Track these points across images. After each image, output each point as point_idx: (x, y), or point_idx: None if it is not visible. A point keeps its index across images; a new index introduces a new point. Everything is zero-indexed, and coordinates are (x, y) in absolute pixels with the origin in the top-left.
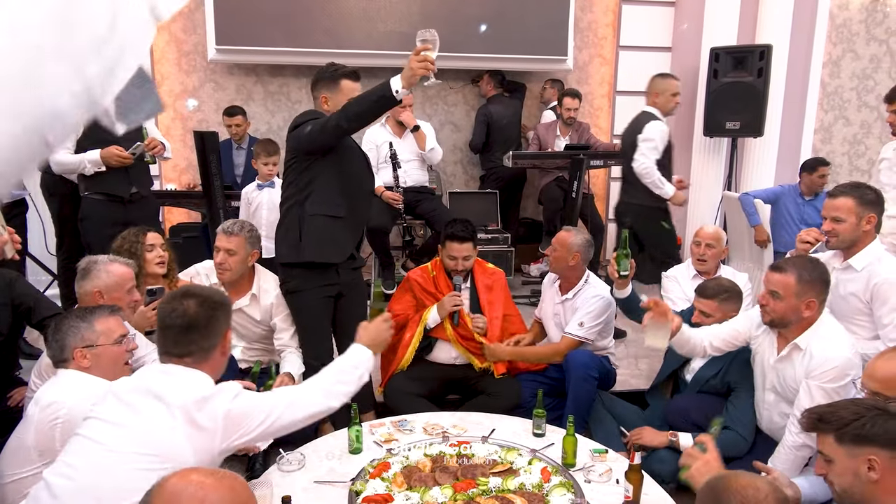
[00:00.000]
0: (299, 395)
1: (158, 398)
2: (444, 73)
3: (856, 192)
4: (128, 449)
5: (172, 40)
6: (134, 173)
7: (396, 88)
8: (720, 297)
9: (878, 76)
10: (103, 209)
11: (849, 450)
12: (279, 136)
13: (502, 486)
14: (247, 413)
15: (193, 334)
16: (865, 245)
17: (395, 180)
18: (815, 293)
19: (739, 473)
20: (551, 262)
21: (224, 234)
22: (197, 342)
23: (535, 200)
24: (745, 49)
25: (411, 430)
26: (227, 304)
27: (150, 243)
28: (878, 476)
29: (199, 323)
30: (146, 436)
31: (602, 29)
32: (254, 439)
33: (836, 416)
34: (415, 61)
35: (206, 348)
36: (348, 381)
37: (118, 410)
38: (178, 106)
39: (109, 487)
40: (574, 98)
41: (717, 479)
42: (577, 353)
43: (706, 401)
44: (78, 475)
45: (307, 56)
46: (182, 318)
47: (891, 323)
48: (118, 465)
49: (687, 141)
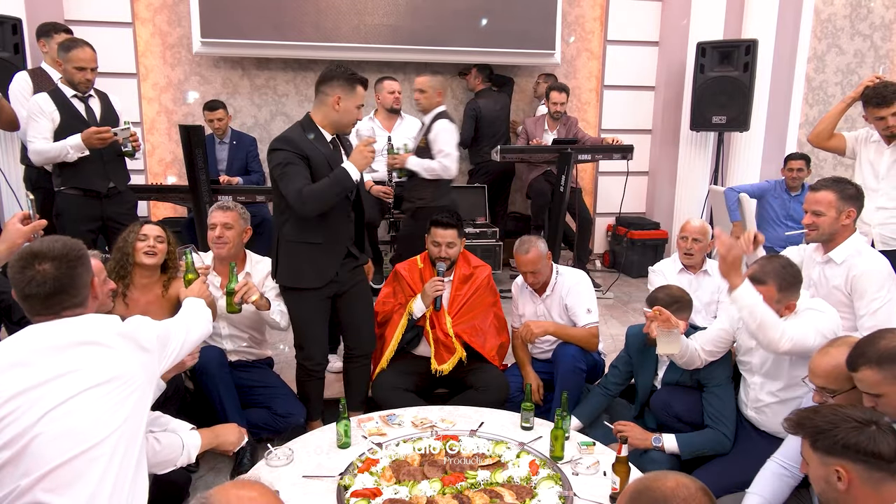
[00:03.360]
0: (190, 319)
1: (88, 343)
2: (431, 66)
3: (837, 186)
4: (89, 385)
5: (157, 33)
6: (111, 168)
7: (354, 177)
8: (672, 308)
9: (863, 71)
10: (80, 204)
11: (821, 457)
12: (266, 130)
13: (491, 480)
14: (169, 335)
15: (60, 296)
16: (844, 239)
17: (388, 174)
18: (795, 295)
19: (665, 474)
20: (537, 280)
21: (220, 210)
22: (66, 301)
23: (523, 195)
24: (732, 44)
25: (400, 424)
26: (83, 256)
27: (143, 233)
28: (844, 487)
29: (62, 284)
30: (104, 368)
31: (589, 23)
32: (176, 359)
33: (812, 423)
34: (363, 151)
35: (76, 303)
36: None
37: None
38: (163, 100)
39: (85, 425)
40: (561, 92)
41: (642, 480)
42: (566, 346)
43: (686, 393)
44: (51, 427)
45: (294, 49)
46: (42, 285)
47: (866, 313)
48: (85, 405)
49: (673, 135)
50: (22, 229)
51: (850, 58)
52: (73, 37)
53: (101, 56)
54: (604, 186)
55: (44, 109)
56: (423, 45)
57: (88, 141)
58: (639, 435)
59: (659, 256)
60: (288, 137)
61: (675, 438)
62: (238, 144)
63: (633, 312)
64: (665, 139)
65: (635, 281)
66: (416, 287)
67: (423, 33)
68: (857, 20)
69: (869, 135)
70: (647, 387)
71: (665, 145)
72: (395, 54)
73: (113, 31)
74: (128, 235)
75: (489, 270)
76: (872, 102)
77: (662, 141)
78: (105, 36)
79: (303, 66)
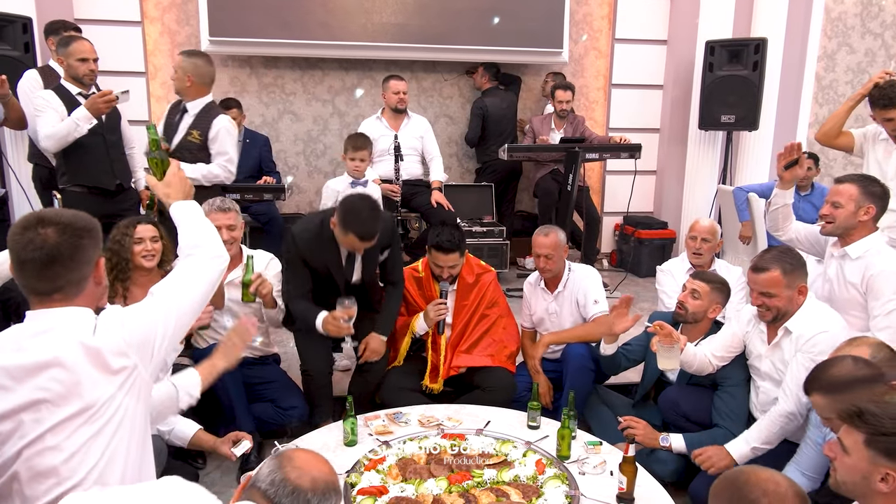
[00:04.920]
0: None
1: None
2: (439, 65)
3: (862, 181)
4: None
5: (165, 31)
6: (117, 165)
7: (319, 329)
8: (714, 286)
9: (873, 70)
10: (85, 202)
11: (872, 456)
12: (274, 129)
13: (497, 478)
14: (148, 332)
15: (57, 267)
16: (862, 235)
17: (395, 172)
18: (803, 277)
19: (758, 468)
20: (550, 268)
21: (221, 212)
22: (63, 275)
23: (530, 194)
24: (741, 42)
25: (406, 423)
26: (93, 230)
27: (138, 236)
28: (888, 490)
29: (61, 253)
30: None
31: (597, 21)
32: (172, 343)
33: (876, 420)
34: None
35: (74, 281)
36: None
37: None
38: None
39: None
40: (566, 90)
41: (736, 472)
42: (575, 345)
43: (695, 392)
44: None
45: (302, 48)
46: (40, 249)
47: (880, 314)
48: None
49: (682, 134)
50: None
51: (861, 56)
52: (68, 34)
53: (110, 55)
54: (611, 185)
55: (50, 102)
56: (431, 43)
57: (94, 107)
58: (647, 434)
59: (666, 256)
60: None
61: (683, 438)
62: (251, 143)
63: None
64: (673, 138)
65: (643, 280)
66: (415, 296)
67: (431, 32)
68: (867, 18)
69: (878, 132)
70: (655, 372)
71: (673, 144)
72: (402, 53)
73: (122, 30)
74: (122, 238)
75: (494, 276)
76: (879, 104)
77: (670, 140)
78: (114, 34)
79: (311, 65)
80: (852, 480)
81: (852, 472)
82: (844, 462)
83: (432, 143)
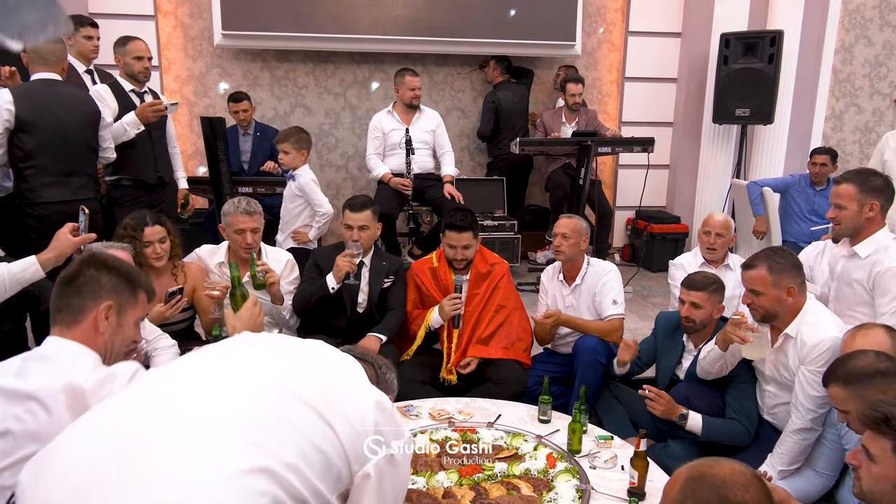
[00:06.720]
0: None
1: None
2: (451, 58)
3: (858, 178)
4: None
5: (179, 25)
6: (160, 161)
7: (332, 285)
8: (709, 289)
9: (892, 63)
10: (131, 195)
11: None
12: (286, 122)
13: (508, 472)
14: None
15: (67, 287)
16: (871, 233)
17: (406, 166)
18: (791, 278)
19: (712, 463)
20: (564, 251)
21: (246, 215)
22: (65, 297)
23: (541, 187)
24: (756, 35)
25: (417, 416)
26: (120, 271)
27: (147, 240)
28: None
29: (76, 277)
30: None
31: (611, 14)
32: None
33: None
34: (342, 260)
35: (74, 307)
36: None
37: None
38: (184, 92)
39: None
40: (577, 83)
41: (697, 475)
42: (586, 339)
43: (706, 388)
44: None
45: (313, 41)
46: (67, 272)
47: (887, 312)
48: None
49: (695, 128)
50: (72, 240)
51: (879, 49)
52: (126, 35)
53: None
54: (624, 179)
55: (104, 98)
56: (443, 36)
57: (143, 115)
58: (667, 406)
59: (679, 250)
60: None
61: (701, 418)
62: (262, 136)
63: (653, 307)
64: (687, 132)
65: (655, 275)
66: (430, 287)
67: (443, 25)
68: (886, 11)
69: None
70: (668, 372)
71: (687, 138)
72: (414, 46)
73: (136, 24)
74: (131, 242)
75: (507, 267)
76: None
77: (684, 133)
78: (128, 28)
79: (322, 59)
80: (880, 489)
81: (880, 481)
82: (871, 471)
83: (444, 137)
